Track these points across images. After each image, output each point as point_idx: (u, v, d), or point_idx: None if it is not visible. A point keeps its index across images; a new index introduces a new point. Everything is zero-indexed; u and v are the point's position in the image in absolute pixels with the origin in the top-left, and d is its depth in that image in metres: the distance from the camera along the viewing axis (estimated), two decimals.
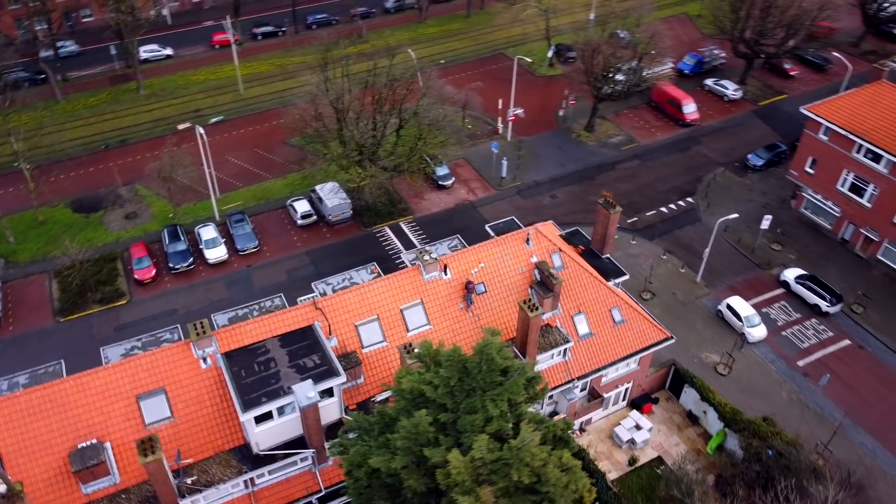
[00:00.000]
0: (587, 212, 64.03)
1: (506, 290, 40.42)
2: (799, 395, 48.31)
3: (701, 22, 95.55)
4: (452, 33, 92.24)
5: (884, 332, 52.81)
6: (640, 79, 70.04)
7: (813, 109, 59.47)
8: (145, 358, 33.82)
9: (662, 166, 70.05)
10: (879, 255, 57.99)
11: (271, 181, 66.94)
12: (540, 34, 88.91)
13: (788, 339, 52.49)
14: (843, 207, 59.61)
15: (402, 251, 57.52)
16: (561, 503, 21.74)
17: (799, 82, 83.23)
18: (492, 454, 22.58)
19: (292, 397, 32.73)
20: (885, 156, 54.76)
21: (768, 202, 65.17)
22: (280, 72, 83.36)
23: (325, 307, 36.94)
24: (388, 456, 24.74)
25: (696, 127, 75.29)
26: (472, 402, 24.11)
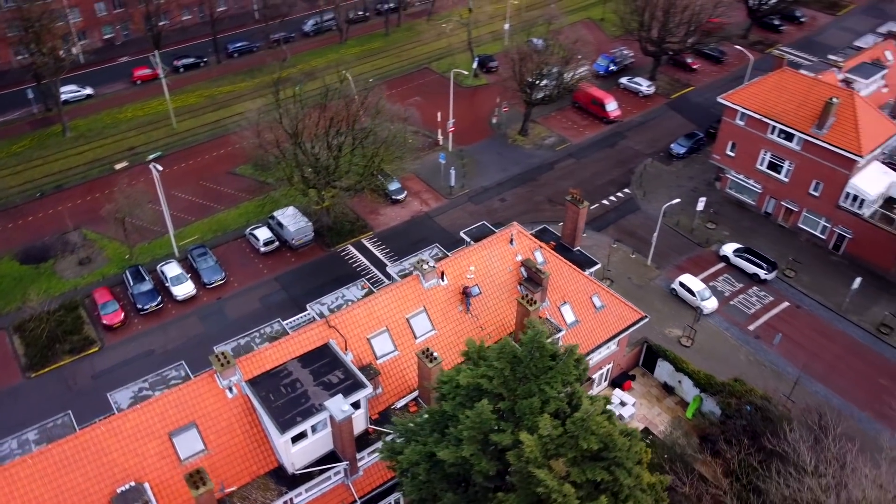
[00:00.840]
0: (537, 211, 67.77)
1: (497, 289, 42.95)
2: (755, 356, 53.35)
3: (605, 25, 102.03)
4: (375, 52, 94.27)
5: (815, 291, 58.96)
6: (566, 82, 74.51)
7: (729, 98, 65.53)
8: (172, 394, 34.09)
9: (596, 162, 74.77)
10: (800, 224, 64.53)
11: (224, 212, 66.74)
12: (461, 46, 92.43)
13: (737, 308, 57.70)
14: (763, 184, 65.91)
15: (388, 264, 58.93)
16: (628, 465, 24.41)
17: (701, 74, 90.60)
18: (556, 430, 24.99)
19: (325, 413, 33.93)
20: (797, 134, 61.23)
21: (696, 186, 70.93)
22: (210, 102, 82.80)
23: (337, 324, 38.23)
24: (453, 447, 26.66)
25: (620, 123, 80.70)
26: (527, 388, 26.42)
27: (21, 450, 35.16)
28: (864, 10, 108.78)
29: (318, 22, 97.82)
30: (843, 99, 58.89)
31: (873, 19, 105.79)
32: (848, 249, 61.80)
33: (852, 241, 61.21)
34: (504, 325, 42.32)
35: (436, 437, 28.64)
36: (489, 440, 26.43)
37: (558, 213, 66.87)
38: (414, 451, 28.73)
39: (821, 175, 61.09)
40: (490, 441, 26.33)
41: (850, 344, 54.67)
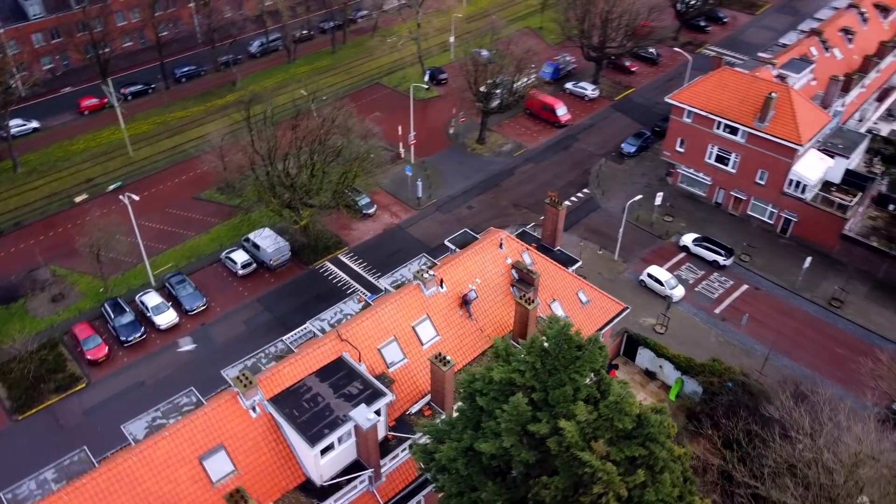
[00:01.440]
0: (504, 216, 70.18)
1: (492, 292, 44.89)
2: (724, 337, 57.05)
3: (544, 33, 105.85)
4: (323, 70, 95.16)
5: (770, 273, 63.35)
6: (519, 89, 77.40)
7: (676, 98, 69.65)
8: (198, 418, 34.57)
9: (553, 165, 77.87)
10: (749, 211, 69.09)
11: (195, 238, 66.48)
12: (409, 60, 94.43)
13: (702, 294, 61.44)
14: (713, 176, 70.26)
15: (370, 280, 60.39)
16: (661, 439, 26.66)
17: (639, 76, 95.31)
18: (592, 414, 27.06)
19: (350, 424, 35.07)
20: (741, 128, 65.71)
21: (649, 182, 74.85)
22: (164, 129, 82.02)
23: (348, 336, 39.39)
24: (493, 440, 28.39)
25: (570, 127, 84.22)
26: (557, 378, 28.37)
27: (41, 490, 34.84)
28: (778, 9, 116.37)
29: (264, 43, 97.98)
30: (780, 93, 63.63)
31: (788, 17, 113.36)
32: (794, 232, 66.59)
33: (798, 223, 66.03)
34: (501, 326, 44.28)
35: (471, 433, 30.29)
36: (526, 430, 28.28)
37: (525, 217, 69.80)
38: (451, 448, 30.28)
39: (765, 165, 65.69)
40: (527, 431, 28.19)
41: (807, 318, 59.06)
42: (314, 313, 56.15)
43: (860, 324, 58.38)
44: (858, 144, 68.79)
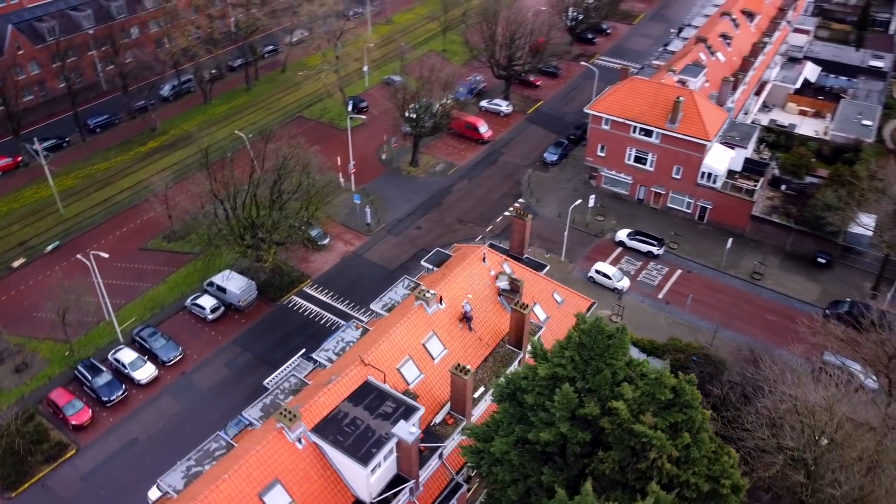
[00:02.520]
0: (452, 232, 74.12)
1: (483, 303, 48.53)
2: (672, 319, 63.53)
3: (448, 55, 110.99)
4: (242, 108, 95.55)
5: (697, 256, 70.83)
6: (448, 110, 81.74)
7: (593, 108, 76.31)
8: (251, 457, 35.96)
9: (486, 180, 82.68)
10: (669, 204, 76.71)
11: (153, 288, 65.82)
12: (325, 91, 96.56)
13: (644, 282, 67.86)
14: (633, 176, 77.42)
15: (346, 312, 62.18)
16: (695, 404, 31.25)
17: (544, 89, 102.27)
18: (635, 392, 31.35)
19: (393, 440, 37.61)
20: (655, 130, 73.12)
21: (576, 186, 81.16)
22: (90, 182, 79.93)
23: (370, 361, 41.81)
24: (547, 429, 32.04)
25: (493, 142, 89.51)
26: (595, 366, 32.42)
27: None
28: (651, 18, 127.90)
29: (175, 85, 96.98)
30: (686, 97, 71.51)
31: (661, 24, 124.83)
32: (711, 218, 74.70)
33: (713, 210, 74.17)
34: (496, 333, 47.98)
35: (520, 427, 33.83)
36: (575, 415, 32.15)
37: (471, 231, 74.07)
38: (503, 442, 33.69)
39: (679, 161, 73.40)
40: (576, 416, 32.08)
41: (736, 293, 66.71)
42: (293, 347, 58.22)
43: (780, 291, 66.68)
44: (751, 135, 78.14)
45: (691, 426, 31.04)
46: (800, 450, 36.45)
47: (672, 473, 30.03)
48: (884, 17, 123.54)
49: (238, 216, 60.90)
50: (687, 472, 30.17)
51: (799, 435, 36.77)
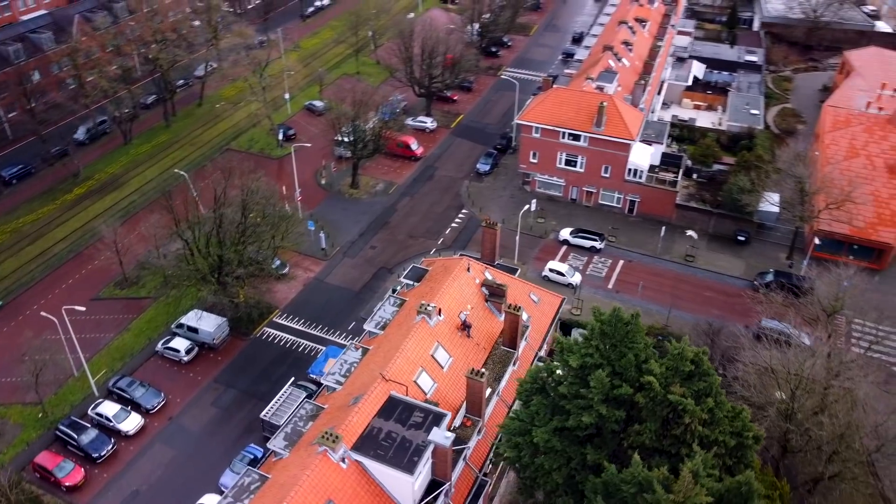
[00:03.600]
0: (406, 248, 76.65)
1: (473, 310, 51.57)
2: (626, 306, 68.54)
3: (363, 77, 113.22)
4: (166, 145, 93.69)
5: (634, 246, 76.99)
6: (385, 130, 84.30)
7: (523, 118, 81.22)
8: (304, 482, 37.19)
9: (426, 195, 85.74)
10: (601, 201, 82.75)
11: (117, 338, 64.18)
12: (250, 121, 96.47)
13: (593, 275, 73.11)
14: (565, 178, 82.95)
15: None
16: (711, 372, 35.66)
17: (462, 103, 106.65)
18: (661, 367, 35.43)
19: (430, 447, 39.92)
20: (582, 134, 78.91)
21: (512, 193, 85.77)
22: (19, 237, 76.27)
23: (390, 376, 43.84)
24: (587, 413, 35.52)
25: (425, 158, 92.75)
26: (619, 351, 36.28)
27: None
28: (544, 29, 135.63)
29: (90, 128, 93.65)
30: (608, 101, 77.73)
31: (555, 34, 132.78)
32: (639, 210, 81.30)
33: (641, 203, 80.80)
34: (489, 337, 51.16)
35: (557, 417, 37.18)
36: (609, 397, 35.86)
37: (423, 245, 76.87)
38: (544, 432, 36.93)
39: (607, 160, 79.53)
40: (611, 397, 35.81)
41: (674, 276, 73.20)
42: (277, 378, 59.27)
43: (712, 269, 73.84)
44: (664, 132, 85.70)
45: (710, 391, 35.49)
46: (784, 402, 42.01)
47: (703, 434, 34.32)
48: (747, 15, 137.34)
49: (204, 255, 60.70)
50: (715, 431, 34.55)
51: (783, 388, 42.37)
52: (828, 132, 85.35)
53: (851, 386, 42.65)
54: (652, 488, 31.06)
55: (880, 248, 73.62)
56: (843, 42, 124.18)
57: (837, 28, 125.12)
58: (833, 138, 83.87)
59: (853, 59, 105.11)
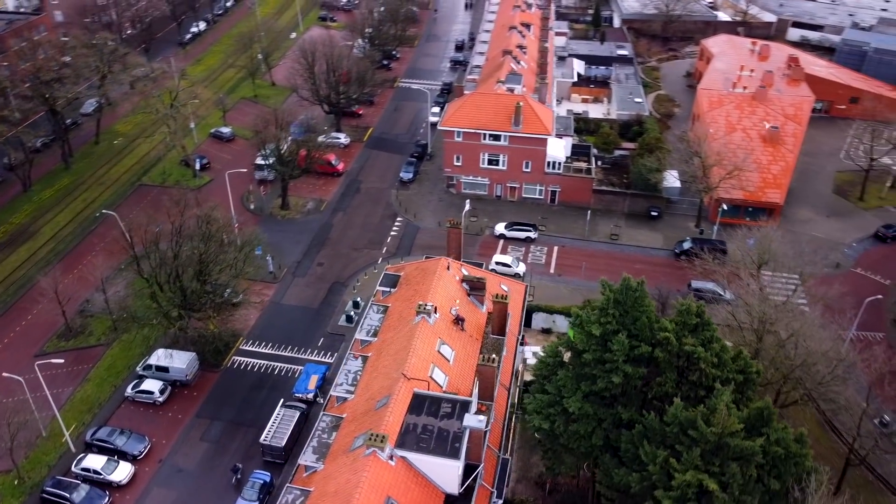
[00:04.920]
0: (353, 261, 78.06)
1: (460, 304, 54.57)
2: (571, 287, 74.46)
3: (261, 99, 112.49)
4: (70, 188, 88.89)
5: (564, 232, 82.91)
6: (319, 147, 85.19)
7: (445, 124, 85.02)
8: (364, 483, 38.65)
9: (358, 208, 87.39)
10: (524, 195, 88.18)
11: (79, 390, 61.15)
12: (156, 154, 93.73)
13: (534, 263, 78.11)
14: (489, 177, 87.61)
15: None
16: (711, 321, 40.87)
17: (368, 117, 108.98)
18: (672, 324, 40.24)
19: (467, 432, 42.56)
20: (502, 134, 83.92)
21: (440, 197, 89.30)
22: None
23: (411, 375, 45.94)
24: (615, 375, 39.65)
25: (347, 172, 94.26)
26: (632, 315, 40.69)
27: None
28: (426, 39, 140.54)
29: None
30: (523, 102, 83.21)
31: (436, 43, 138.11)
32: (560, 199, 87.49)
33: (561, 192, 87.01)
34: (478, 328, 54.28)
35: (584, 383, 41.13)
36: (629, 357, 40.26)
37: (369, 255, 78.69)
38: (576, 400, 40.76)
39: (527, 156, 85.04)
40: (631, 357, 40.20)
41: (604, 255, 79.69)
42: (260, 403, 59.66)
43: (635, 244, 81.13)
44: (570, 125, 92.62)
45: (713, 338, 40.80)
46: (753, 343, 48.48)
47: (716, 375, 39.47)
48: (608, 13, 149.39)
49: (170, 290, 59.48)
50: (724, 371, 39.81)
51: (747, 332, 48.96)
52: (707, 112, 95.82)
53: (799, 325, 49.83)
54: (695, 425, 35.68)
55: (770, 207, 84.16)
56: (694, 32, 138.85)
57: (688, 20, 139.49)
58: (713, 117, 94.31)
59: (710, 46, 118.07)
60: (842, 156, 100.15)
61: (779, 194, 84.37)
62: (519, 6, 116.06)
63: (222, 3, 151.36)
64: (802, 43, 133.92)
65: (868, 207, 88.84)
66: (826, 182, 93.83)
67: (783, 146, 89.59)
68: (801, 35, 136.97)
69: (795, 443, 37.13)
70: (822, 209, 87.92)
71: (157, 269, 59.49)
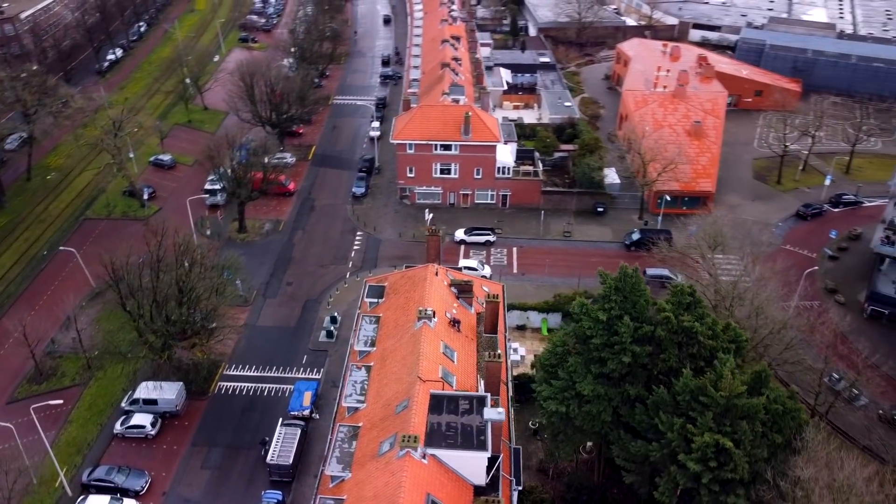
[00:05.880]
0: (321, 278, 78.89)
1: (450, 307, 56.88)
2: (536, 284, 78.02)
3: (197, 124, 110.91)
4: (9, 228, 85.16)
5: (520, 233, 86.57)
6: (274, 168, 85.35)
7: (397, 137, 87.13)
8: (405, 482, 40.30)
9: (316, 225, 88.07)
10: (477, 201, 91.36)
11: (63, 432, 59.29)
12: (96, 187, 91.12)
13: (497, 265, 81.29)
14: (442, 186, 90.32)
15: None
16: (701, 298, 44.90)
17: (309, 135, 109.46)
18: (669, 304, 44.05)
19: (489, 424, 44.91)
20: (453, 144, 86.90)
21: (395, 209, 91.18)
22: None
23: (423, 376, 47.83)
24: (623, 355, 43.03)
25: (298, 191, 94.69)
26: (633, 299, 44.23)
27: None
28: (353, 56, 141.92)
29: None
30: (472, 111, 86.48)
31: (362, 59, 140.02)
32: (511, 202, 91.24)
33: (512, 195, 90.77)
34: (471, 328, 56.72)
35: (593, 367, 44.35)
36: (634, 338, 43.79)
37: (338, 271, 79.87)
38: (588, 383, 43.94)
39: (478, 164, 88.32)
40: (636, 337, 43.74)
41: (561, 252, 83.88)
42: (255, 425, 59.99)
43: (587, 240, 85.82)
44: (513, 131, 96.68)
45: (705, 314, 44.97)
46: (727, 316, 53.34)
47: (712, 346, 43.57)
48: (522, 23, 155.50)
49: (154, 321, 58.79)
50: (719, 342, 43.97)
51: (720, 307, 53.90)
52: (634, 112, 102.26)
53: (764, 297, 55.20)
54: (706, 391, 39.50)
55: (704, 195, 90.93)
56: (605, 37, 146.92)
57: (599, 26, 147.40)
58: (641, 116, 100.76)
59: (626, 50, 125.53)
60: (755, 144, 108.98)
61: (710, 183, 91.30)
62: (446, 20, 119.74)
63: (136, 28, 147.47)
64: (703, 43, 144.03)
65: (786, 190, 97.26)
66: (746, 169, 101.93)
67: (707, 139, 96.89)
68: (701, 35, 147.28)
69: (790, 399, 41.66)
70: (748, 194, 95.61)
71: (140, 301, 58.59)
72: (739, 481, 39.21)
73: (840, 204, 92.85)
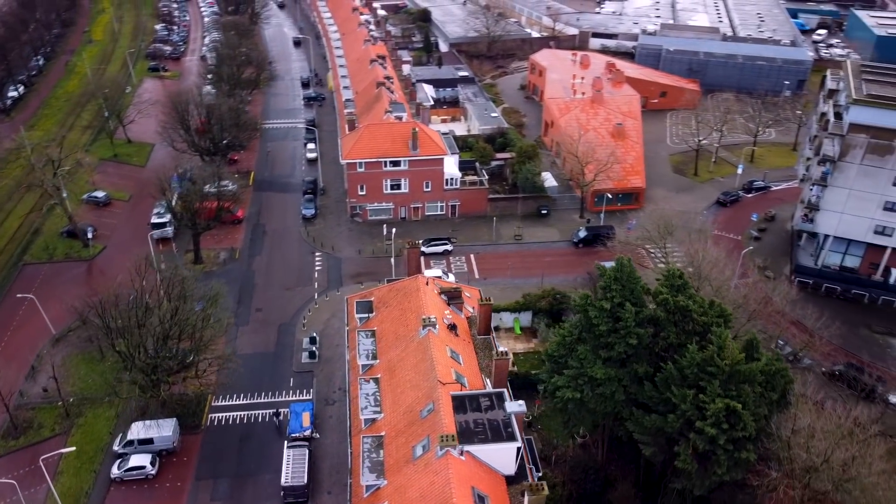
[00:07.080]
0: (289, 300, 79.19)
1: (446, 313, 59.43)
2: (500, 286, 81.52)
3: (125, 158, 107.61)
4: None
5: (475, 240, 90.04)
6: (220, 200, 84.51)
7: (347, 157, 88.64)
8: (453, 478, 42.48)
9: (273, 250, 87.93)
10: (427, 213, 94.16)
11: (56, 483, 56.79)
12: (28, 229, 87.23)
13: (459, 273, 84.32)
14: (393, 201, 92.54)
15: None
16: (689, 281, 49.66)
17: (243, 161, 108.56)
18: (665, 287, 48.56)
19: (513, 416, 47.81)
20: (402, 160, 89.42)
21: (349, 227, 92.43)
22: None
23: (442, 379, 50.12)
24: (630, 338, 47.09)
25: (247, 218, 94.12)
26: (629, 288, 48.37)
27: None
28: (273, 79, 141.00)
29: None
30: (418, 128, 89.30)
31: (282, 82, 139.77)
32: (461, 211, 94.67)
33: (461, 205, 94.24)
34: (465, 331, 59.53)
35: (601, 352, 48.23)
36: (637, 321, 48.02)
37: (305, 292, 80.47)
38: (599, 367, 47.76)
39: (427, 177, 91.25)
40: (638, 320, 47.97)
41: (515, 254, 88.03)
42: (258, 452, 61.32)
43: (537, 241, 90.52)
44: (453, 143, 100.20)
45: (692, 293, 49.91)
46: None
47: (705, 322, 48.46)
48: (433, 39, 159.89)
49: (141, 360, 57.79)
50: (710, 318, 48.92)
51: None
52: (560, 119, 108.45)
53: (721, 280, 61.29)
54: (712, 362, 44.19)
55: (636, 191, 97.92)
56: (514, 49, 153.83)
57: (507, 39, 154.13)
58: (567, 122, 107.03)
59: (539, 60, 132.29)
60: (668, 141, 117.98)
61: (640, 179, 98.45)
62: (369, 40, 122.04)
63: (35, 62, 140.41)
64: (603, 50, 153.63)
65: (703, 181, 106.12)
66: (664, 165, 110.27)
67: (630, 139, 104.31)
68: (601, 43, 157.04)
69: (777, 361, 47.14)
70: (671, 187, 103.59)
71: (129, 340, 57.42)
72: (748, 438, 44.06)
73: (752, 190, 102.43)
